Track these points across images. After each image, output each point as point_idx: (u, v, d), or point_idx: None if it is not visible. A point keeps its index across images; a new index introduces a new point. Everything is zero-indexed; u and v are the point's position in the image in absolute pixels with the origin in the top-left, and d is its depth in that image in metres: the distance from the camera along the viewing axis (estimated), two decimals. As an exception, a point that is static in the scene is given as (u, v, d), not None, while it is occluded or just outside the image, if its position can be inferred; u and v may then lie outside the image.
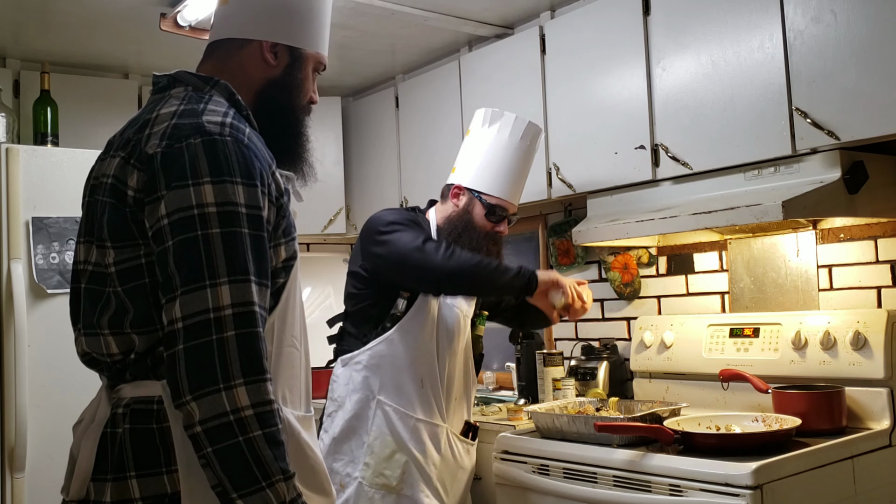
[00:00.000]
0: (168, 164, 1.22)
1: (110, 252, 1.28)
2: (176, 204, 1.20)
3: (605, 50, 2.71)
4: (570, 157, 2.85)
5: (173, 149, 1.23)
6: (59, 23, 3.05)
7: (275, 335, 1.34)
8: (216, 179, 1.21)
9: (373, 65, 3.66)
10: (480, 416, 2.86)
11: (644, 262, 3.03)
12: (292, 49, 1.48)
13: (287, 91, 1.48)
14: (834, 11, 2.10)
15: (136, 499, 1.23)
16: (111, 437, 1.27)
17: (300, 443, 1.36)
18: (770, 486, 1.86)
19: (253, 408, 1.15)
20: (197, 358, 1.14)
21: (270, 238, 1.30)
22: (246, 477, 1.13)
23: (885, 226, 2.39)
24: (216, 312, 1.16)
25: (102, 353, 1.33)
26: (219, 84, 1.41)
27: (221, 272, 1.17)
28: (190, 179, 1.20)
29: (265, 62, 1.46)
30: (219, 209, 1.20)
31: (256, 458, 1.14)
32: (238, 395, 1.14)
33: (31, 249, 2.83)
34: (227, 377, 1.14)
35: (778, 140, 2.23)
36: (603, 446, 2.18)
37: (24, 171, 2.85)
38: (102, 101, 3.50)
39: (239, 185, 1.22)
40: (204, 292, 1.16)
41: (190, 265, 1.17)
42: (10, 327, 2.77)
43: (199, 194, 1.19)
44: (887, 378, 2.23)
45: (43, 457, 2.79)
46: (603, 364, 2.90)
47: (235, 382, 1.14)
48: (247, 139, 1.28)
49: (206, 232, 1.18)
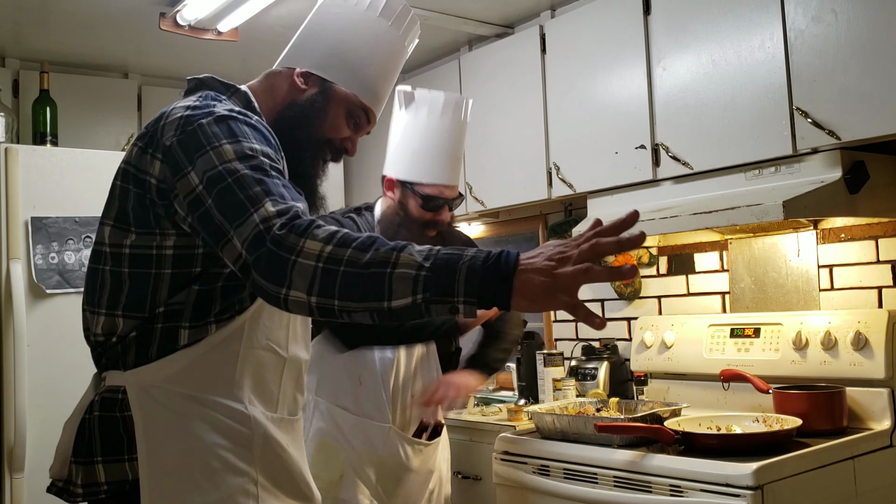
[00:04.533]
0: (186, 144, 1.29)
1: (132, 234, 1.33)
2: (202, 168, 1.25)
3: (606, 49, 2.71)
4: (570, 157, 2.84)
5: (186, 133, 1.29)
6: (58, 23, 3.04)
7: (244, 335, 1.36)
8: (232, 140, 1.28)
9: (373, 64, 3.65)
10: (480, 417, 2.86)
11: (645, 262, 3.03)
12: (324, 82, 1.52)
13: (305, 114, 1.51)
14: (835, 11, 2.09)
15: (102, 482, 1.29)
16: (87, 422, 1.33)
17: (267, 440, 1.37)
18: (771, 486, 1.86)
19: (326, 243, 1.14)
20: (265, 261, 1.15)
21: None
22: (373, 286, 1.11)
23: (886, 226, 2.38)
24: (265, 223, 1.17)
25: (90, 332, 1.39)
26: (238, 91, 1.47)
27: (260, 197, 1.20)
28: (208, 146, 1.27)
29: (294, 86, 1.52)
30: (240, 157, 1.25)
31: (364, 266, 1.12)
32: (309, 248, 1.13)
33: (30, 249, 2.82)
34: (290, 249, 1.14)
35: (779, 140, 2.22)
36: (603, 447, 2.17)
37: (24, 170, 2.85)
38: (102, 100, 3.50)
39: (253, 142, 1.29)
40: (251, 217, 1.18)
41: (233, 205, 1.21)
42: (10, 327, 2.77)
43: (219, 154, 1.26)
44: (888, 378, 2.23)
45: (43, 457, 2.78)
46: (603, 364, 2.90)
47: (299, 246, 1.14)
48: (254, 121, 1.35)
49: (236, 175, 1.23)
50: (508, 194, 3.10)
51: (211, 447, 1.30)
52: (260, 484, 1.35)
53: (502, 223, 3.62)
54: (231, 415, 1.33)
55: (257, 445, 1.34)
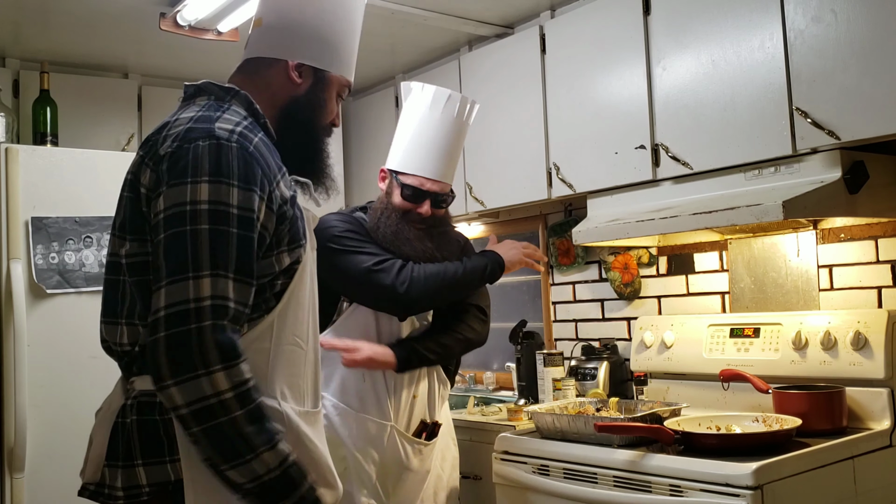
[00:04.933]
0: (173, 163, 1.30)
1: (126, 244, 1.36)
2: (172, 199, 1.27)
3: (606, 49, 2.71)
4: (570, 157, 2.85)
5: (181, 149, 1.31)
6: (58, 22, 3.04)
7: (273, 333, 1.40)
8: (213, 179, 1.28)
9: (373, 64, 3.65)
10: (480, 417, 2.86)
11: (644, 262, 3.03)
12: (317, 70, 1.55)
13: (309, 109, 1.55)
14: (834, 11, 2.09)
15: (143, 485, 1.32)
16: (122, 426, 1.36)
17: (300, 437, 1.41)
18: (770, 486, 1.86)
19: (232, 390, 1.22)
20: (176, 345, 1.21)
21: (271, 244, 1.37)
22: (232, 452, 1.23)
23: (886, 226, 2.39)
24: (196, 303, 1.22)
25: (116, 343, 1.41)
26: (239, 94, 1.48)
27: (205, 266, 1.24)
28: (189, 177, 1.28)
29: (290, 80, 1.54)
30: (210, 207, 1.26)
31: (240, 435, 1.23)
32: (217, 380, 1.21)
33: (30, 249, 2.82)
34: (206, 363, 1.21)
35: (778, 140, 2.22)
36: (603, 446, 2.17)
37: (24, 170, 2.85)
38: (102, 100, 3.50)
39: (234, 188, 1.29)
40: (186, 283, 1.23)
41: (176, 257, 1.24)
42: (10, 327, 2.77)
43: (194, 192, 1.27)
44: (888, 378, 2.23)
45: (42, 457, 2.78)
46: (603, 364, 2.90)
47: (214, 368, 1.21)
48: (252, 147, 1.35)
49: (196, 227, 1.25)
50: (508, 194, 3.10)
51: None
52: None
53: (502, 223, 3.62)
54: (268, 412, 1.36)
55: (291, 441, 1.37)
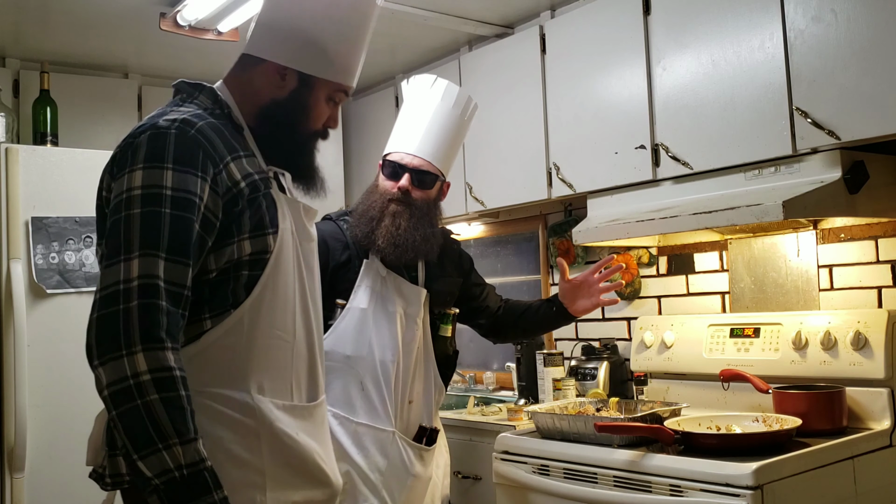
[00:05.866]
0: (118, 160, 1.34)
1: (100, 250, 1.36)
2: (115, 191, 1.31)
3: (606, 49, 2.71)
4: (570, 157, 2.85)
5: (126, 145, 1.34)
6: (58, 22, 3.04)
7: (245, 327, 1.38)
8: (147, 165, 1.30)
9: (373, 64, 3.65)
10: (480, 417, 2.86)
11: (644, 262, 3.03)
12: (302, 75, 1.49)
13: (289, 113, 1.51)
14: (834, 11, 2.09)
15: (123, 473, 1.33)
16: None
17: (274, 431, 1.38)
18: (770, 486, 1.86)
19: (150, 373, 1.20)
20: (105, 325, 1.22)
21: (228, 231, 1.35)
22: (144, 439, 1.19)
23: (886, 225, 2.39)
24: (125, 284, 1.23)
25: None
26: (205, 89, 1.48)
27: (134, 247, 1.25)
28: (127, 168, 1.31)
29: (273, 83, 1.50)
30: (143, 192, 1.28)
31: (153, 420, 1.20)
32: (137, 361, 1.20)
33: (30, 249, 2.82)
34: (128, 344, 1.21)
35: (778, 140, 2.22)
36: (603, 446, 2.17)
37: (24, 170, 2.85)
38: (102, 100, 3.50)
39: (168, 170, 1.30)
40: (118, 266, 1.25)
41: (113, 242, 1.27)
42: (10, 327, 2.77)
43: (130, 180, 1.30)
44: (888, 378, 2.23)
45: (43, 457, 2.78)
46: (603, 364, 2.90)
47: (135, 349, 1.21)
48: (194, 131, 1.34)
49: (129, 212, 1.28)
50: (508, 194, 3.10)
51: (216, 440, 1.31)
52: (268, 474, 1.37)
53: (502, 223, 3.63)
54: (236, 407, 1.36)
55: (264, 436, 1.36)
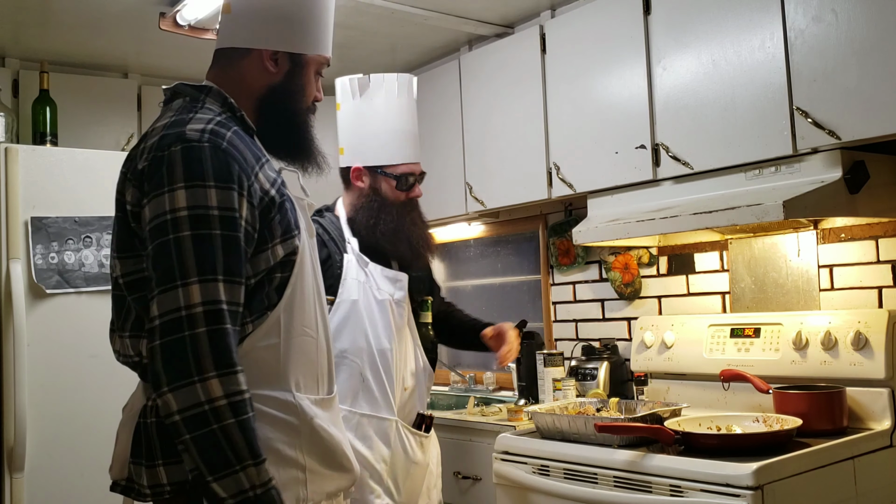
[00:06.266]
0: (150, 175, 1.31)
1: (118, 264, 1.39)
2: (154, 211, 1.29)
3: (606, 49, 2.71)
4: (570, 157, 2.84)
5: (156, 159, 1.32)
6: (58, 22, 3.04)
7: (282, 327, 1.42)
8: (189, 184, 1.29)
9: (373, 64, 3.65)
10: (480, 417, 2.86)
11: (645, 262, 3.03)
12: (293, 55, 1.53)
13: (288, 97, 1.53)
14: (835, 11, 2.09)
15: (165, 484, 1.35)
16: (143, 426, 1.38)
17: (313, 427, 1.44)
18: (771, 486, 1.85)
19: (226, 398, 1.23)
20: (172, 353, 1.23)
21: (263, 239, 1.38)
22: (221, 461, 1.23)
23: (886, 225, 2.38)
24: (187, 310, 1.24)
25: (127, 355, 1.45)
26: (212, 91, 1.48)
27: (191, 272, 1.26)
28: (166, 186, 1.29)
29: (266, 70, 1.52)
30: (190, 212, 1.28)
31: (230, 443, 1.23)
32: (211, 387, 1.22)
33: (30, 249, 2.82)
34: (200, 370, 1.22)
35: (779, 140, 2.22)
36: (603, 447, 2.17)
37: (24, 170, 2.84)
38: (102, 100, 3.49)
39: (211, 189, 1.29)
40: (176, 292, 1.25)
41: (164, 267, 1.26)
42: (10, 327, 2.76)
43: (172, 200, 1.28)
44: (888, 378, 2.23)
45: (42, 457, 2.78)
46: (603, 364, 2.90)
47: (208, 375, 1.23)
48: (226, 143, 1.35)
49: (178, 235, 1.27)
50: (508, 194, 3.10)
51: (264, 441, 1.34)
52: (308, 469, 1.43)
53: (502, 223, 3.62)
54: (279, 406, 1.40)
55: (304, 433, 1.41)
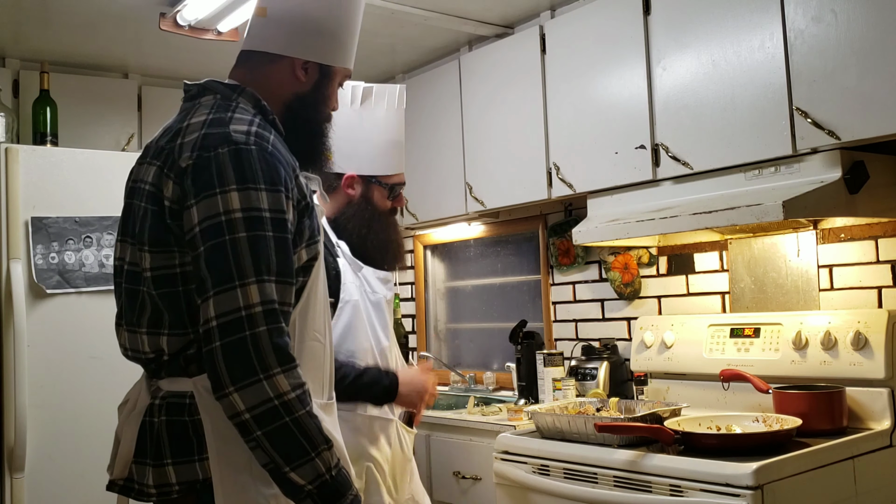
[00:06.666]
0: (197, 174, 1.32)
1: (146, 256, 1.37)
2: (205, 212, 1.30)
3: (606, 49, 2.71)
4: (570, 157, 2.85)
5: (203, 159, 1.32)
6: (58, 22, 3.04)
7: (297, 330, 1.42)
8: (241, 187, 1.30)
9: (373, 64, 3.65)
10: (480, 417, 2.86)
11: (644, 262, 3.03)
12: (322, 66, 1.56)
13: (313, 106, 1.57)
14: (834, 11, 2.09)
15: (173, 483, 1.35)
16: (150, 425, 1.39)
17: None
18: (771, 486, 1.86)
19: (293, 390, 1.27)
20: (234, 353, 1.25)
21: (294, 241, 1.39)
22: (296, 451, 1.27)
23: (886, 226, 2.39)
24: (247, 310, 1.26)
25: (138, 351, 1.43)
26: (245, 91, 1.48)
27: (249, 273, 1.28)
28: (217, 188, 1.30)
29: (296, 78, 1.54)
30: (244, 214, 1.29)
31: (304, 433, 1.28)
32: (279, 383, 1.26)
33: (30, 249, 2.82)
34: (265, 368, 1.25)
35: (778, 140, 2.22)
36: (603, 446, 2.17)
37: (24, 170, 2.85)
38: (102, 100, 3.50)
39: (263, 192, 1.32)
40: (234, 292, 1.26)
41: (220, 268, 1.28)
42: (10, 327, 2.77)
43: (226, 202, 1.29)
44: (888, 378, 2.23)
45: (42, 457, 2.78)
46: (603, 364, 2.90)
47: (273, 372, 1.26)
48: (271, 146, 1.37)
49: (234, 236, 1.28)
50: (508, 194, 3.10)
51: None
52: None
53: (502, 223, 3.62)
54: None
55: None
